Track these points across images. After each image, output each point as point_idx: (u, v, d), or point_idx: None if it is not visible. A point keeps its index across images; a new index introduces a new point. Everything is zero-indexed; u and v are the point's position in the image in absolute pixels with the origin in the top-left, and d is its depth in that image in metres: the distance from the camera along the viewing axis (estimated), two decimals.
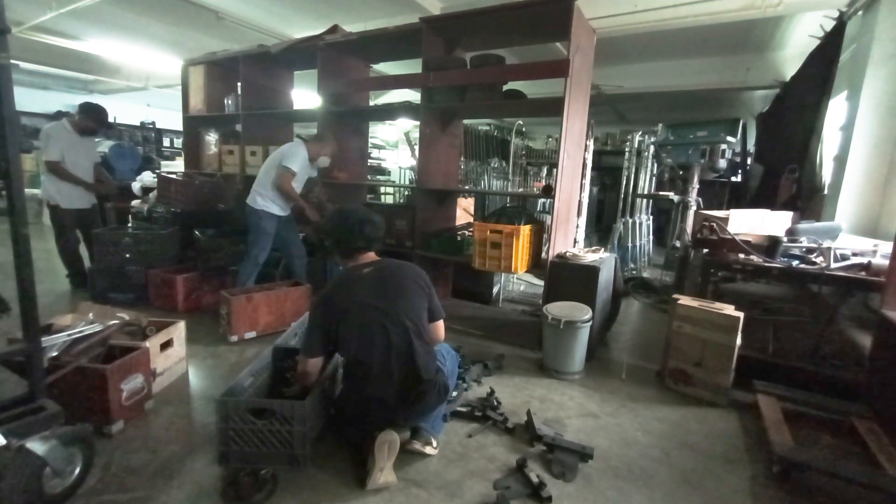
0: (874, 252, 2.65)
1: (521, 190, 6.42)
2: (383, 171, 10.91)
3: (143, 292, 3.54)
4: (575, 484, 1.74)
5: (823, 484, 1.77)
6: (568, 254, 3.01)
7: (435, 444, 1.86)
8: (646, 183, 5.80)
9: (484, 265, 3.05)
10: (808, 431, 2.13)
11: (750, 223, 3.01)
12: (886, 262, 2.21)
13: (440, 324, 2.01)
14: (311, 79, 4.00)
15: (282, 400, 1.76)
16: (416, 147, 4.74)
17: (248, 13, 5.59)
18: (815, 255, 2.67)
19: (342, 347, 1.83)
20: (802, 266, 2.59)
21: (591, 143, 3.98)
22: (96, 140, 3.97)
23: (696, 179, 4.71)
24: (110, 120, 5.26)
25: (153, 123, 11.72)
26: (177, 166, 6.77)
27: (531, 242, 3.09)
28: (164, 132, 11.89)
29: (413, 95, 5.19)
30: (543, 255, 3.27)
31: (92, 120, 3.78)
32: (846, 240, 2.96)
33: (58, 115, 10.37)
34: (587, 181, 4.16)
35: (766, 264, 2.62)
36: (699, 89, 6.56)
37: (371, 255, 1.97)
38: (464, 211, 4.57)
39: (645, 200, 5.85)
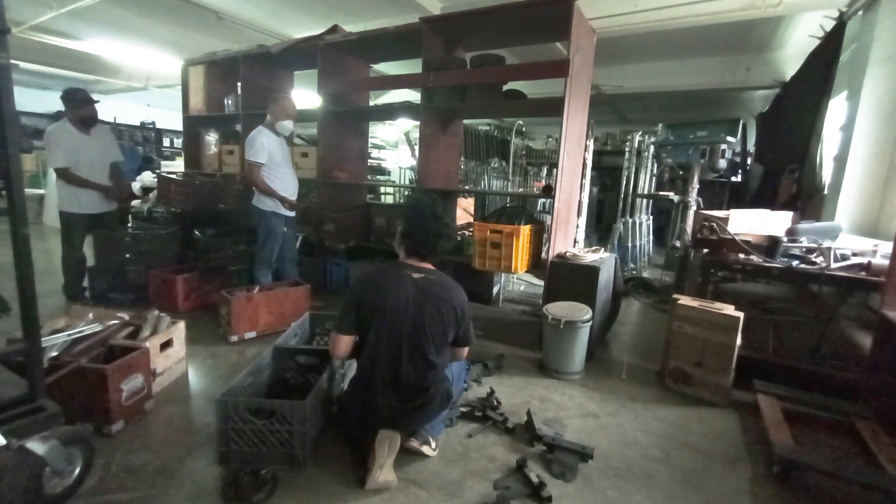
0: (874, 252, 2.65)
1: (521, 190, 6.42)
2: (383, 171, 10.90)
3: (143, 292, 3.54)
4: (575, 484, 1.74)
5: (823, 484, 1.77)
6: (568, 254, 3.01)
7: (434, 445, 1.85)
8: (646, 183, 5.80)
9: (484, 265, 3.05)
10: (808, 431, 2.13)
11: (750, 223, 3.01)
12: (886, 262, 2.21)
13: (466, 350, 2.01)
14: (311, 79, 4.00)
15: (282, 400, 1.76)
16: (416, 147, 4.74)
17: (248, 13, 5.59)
18: (815, 255, 2.67)
19: (364, 340, 1.81)
20: (802, 266, 2.59)
21: (591, 143, 3.98)
22: (109, 138, 3.65)
23: (696, 179, 4.71)
24: (110, 119, 5.18)
25: (153, 123, 11.71)
26: (177, 166, 6.77)
27: (531, 242, 3.09)
28: (164, 132, 11.89)
29: (413, 95, 5.19)
30: (543, 255, 3.27)
31: (74, 107, 3.33)
32: (846, 240, 2.96)
33: (58, 116, 10.40)
34: (587, 181, 4.16)
35: (766, 264, 2.62)
36: (699, 89, 6.56)
37: (429, 263, 1.92)
38: (464, 211, 4.57)
39: (645, 200, 5.85)
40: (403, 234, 1.90)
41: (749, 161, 6.79)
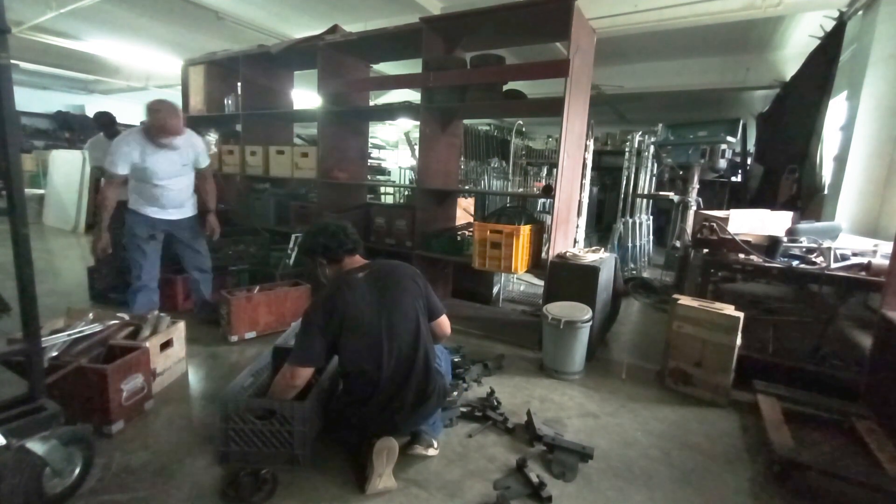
0: (874, 252, 2.65)
1: (521, 190, 6.42)
2: (383, 171, 10.90)
3: None
4: (575, 484, 1.74)
5: (823, 484, 1.77)
6: (568, 254, 3.01)
7: (436, 444, 1.85)
8: (646, 183, 5.80)
9: (484, 265, 3.05)
10: (808, 431, 2.13)
11: (750, 223, 3.01)
12: (886, 262, 2.21)
13: (443, 319, 1.98)
14: (311, 79, 4.00)
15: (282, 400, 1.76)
16: (416, 147, 4.74)
17: (248, 13, 5.59)
18: (815, 255, 2.67)
19: (343, 357, 1.79)
20: (802, 266, 2.59)
21: (591, 143, 3.98)
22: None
23: (696, 179, 4.70)
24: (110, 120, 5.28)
25: None
26: None
27: (531, 242, 3.09)
28: None
29: (413, 95, 5.19)
30: (543, 255, 3.27)
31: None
32: (846, 240, 2.96)
33: (58, 115, 10.39)
34: (587, 181, 4.16)
35: (766, 264, 2.62)
36: (699, 89, 6.57)
37: (359, 259, 1.94)
38: (464, 211, 4.57)
39: (645, 200, 5.85)
40: (323, 254, 1.89)
41: (749, 161, 6.79)
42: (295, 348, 1.78)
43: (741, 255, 2.74)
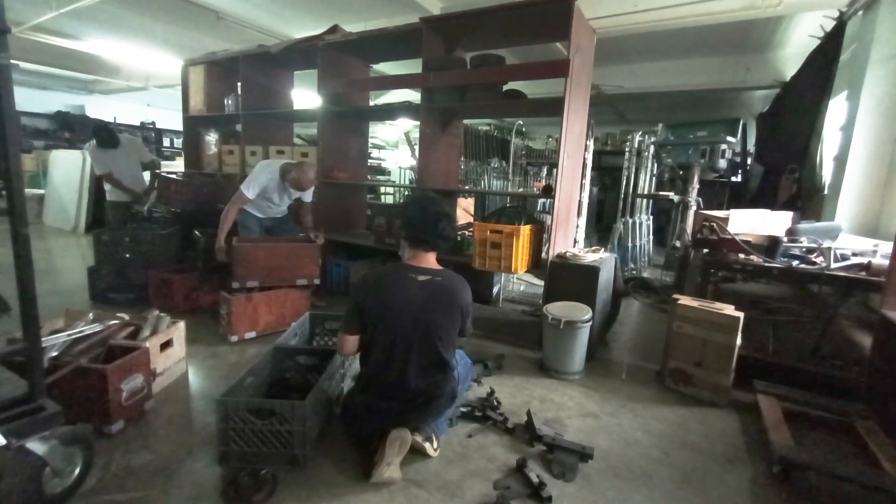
0: (874, 252, 2.65)
1: (521, 190, 6.42)
2: (383, 171, 10.90)
3: (143, 292, 3.54)
4: (575, 484, 1.74)
5: (823, 484, 1.77)
6: (568, 254, 3.01)
7: (436, 444, 1.85)
8: (646, 183, 5.80)
9: (484, 265, 3.05)
10: (808, 431, 2.13)
11: (750, 223, 3.01)
12: (886, 262, 2.21)
13: (461, 340, 2.00)
14: (311, 79, 4.00)
15: (282, 400, 1.76)
16: (416, 147, 4.74)
17: (248, 13, 5.59)
18: (815, 255, 2.67)
19: (370, 342, 1.81)
20: (802, 266, 2.59)
21: (591, 143, 3.98)
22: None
23: (696, 179, 4.71)
24: (110, 119, 5.27)
25: (153, 123, 11.71)
26: (177, 166, 6.78)
27: (531, 242, 3.09)
28: (164, 132, 11.89)
29: (413, 95, 5.19)
30: (543, 255, 3.27)
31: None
32: (846, 240, 2.96)
33: (58, 115, 10.40)
34: (587, 181, 4.16)
35: (766, 264, 2.62)
36: (699, 89, 6.57)
37: (432, 259, 1.92)
38: (464, 211, 4.57)
39: (645, 200, 5.85)
40: (404, 224, 1.92)
41: (749, 161, 6.79)
42: (342, 317, 1.88)
43: (741, 255, 2.74)
